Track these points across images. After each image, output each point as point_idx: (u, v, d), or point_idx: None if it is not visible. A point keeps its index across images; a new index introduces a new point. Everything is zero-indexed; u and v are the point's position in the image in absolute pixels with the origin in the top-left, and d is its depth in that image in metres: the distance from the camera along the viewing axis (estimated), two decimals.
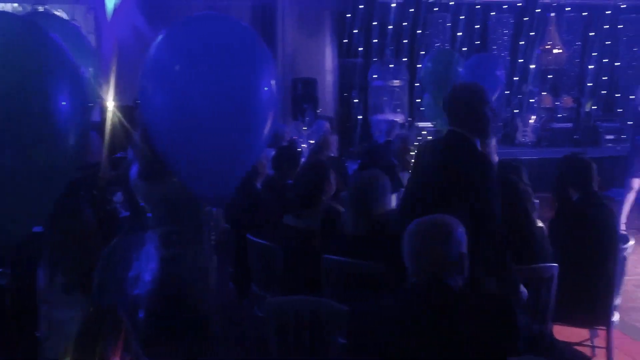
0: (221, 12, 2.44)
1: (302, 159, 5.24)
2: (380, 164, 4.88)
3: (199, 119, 2.07)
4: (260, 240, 3.66)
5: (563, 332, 3.43)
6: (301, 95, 10.17)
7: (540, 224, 3.42)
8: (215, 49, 2.12)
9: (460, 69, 5.20)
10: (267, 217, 3.91)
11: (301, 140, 7.38)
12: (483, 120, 2.66)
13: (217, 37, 2.17)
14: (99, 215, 2.72)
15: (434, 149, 2.86)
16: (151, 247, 2.44)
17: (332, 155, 5.73)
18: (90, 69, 2.68)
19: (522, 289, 2.81)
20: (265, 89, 2.18)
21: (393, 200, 4.17)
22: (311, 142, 6.77)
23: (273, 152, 4.79)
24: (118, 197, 3.58)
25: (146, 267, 2.33)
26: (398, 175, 4.79)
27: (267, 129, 2.23)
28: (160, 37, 2.19)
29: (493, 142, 4.88)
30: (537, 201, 3.68)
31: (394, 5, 10.70)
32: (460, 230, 2.00)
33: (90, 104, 2.45)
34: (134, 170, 2.81)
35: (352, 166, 6.29)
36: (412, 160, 3.70)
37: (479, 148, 2.69)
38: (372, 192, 3.08)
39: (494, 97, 5.83)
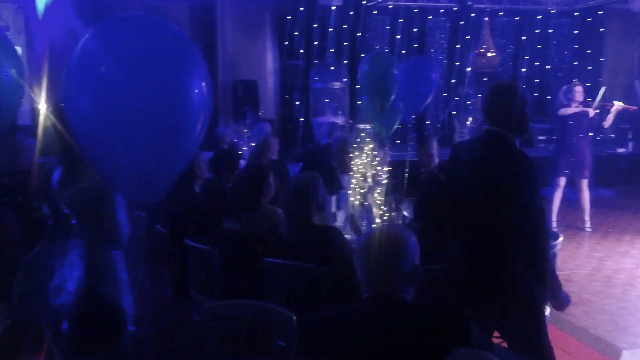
0: (159, 13, 2.38)
1: (243, 162, 5.19)
2: (320, 166, 4.90)
3: (125, 121, 2.02)
4: (198, 245, 3.60)
5: None
6: (242, 98, 10.10)
7: None
8: (141, 50, 2.07)
9: (395, 72, 5.27)
10: (206, 221, 3.85)
11: (242, 142, 7.31)
12: (523, 119, 2.68)
13: (144, 37, 2.13)
14: (25, 223, 2.60)
15: (473, 149, 2.86)
16: (75, 255, 2.35)
17: (274, 157, 5.70)
18: (13, 70, 2.56)
19: (564, 295, 2.76)
20: (196, 91, 2.15)
21: (332, 203, 4.19)
22: (252, 144, 6.73)
23: (211, 155, 4.73)
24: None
25: (70, 275, 2.24)
26: (337, 177, 4.81)
27: (198, 132, 2.20)
28: (85, 37, 2.12)
29: (434, 143, 4.99)
30: None
31: (334, 8, 10.78)
32: (413, 241, 1.93)
33: (6, 106, 2.34)
34: (57, 175, 2.72)
35: (293, 169, 6.27)
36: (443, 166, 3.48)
37: (518, 146, 2.70)
38: (306, 196, 3.08)
39: (428, 99, 5.96)
